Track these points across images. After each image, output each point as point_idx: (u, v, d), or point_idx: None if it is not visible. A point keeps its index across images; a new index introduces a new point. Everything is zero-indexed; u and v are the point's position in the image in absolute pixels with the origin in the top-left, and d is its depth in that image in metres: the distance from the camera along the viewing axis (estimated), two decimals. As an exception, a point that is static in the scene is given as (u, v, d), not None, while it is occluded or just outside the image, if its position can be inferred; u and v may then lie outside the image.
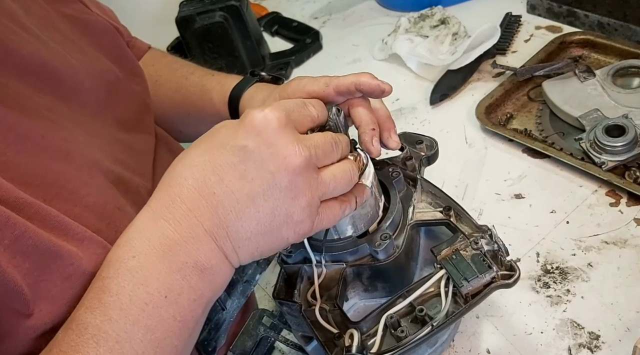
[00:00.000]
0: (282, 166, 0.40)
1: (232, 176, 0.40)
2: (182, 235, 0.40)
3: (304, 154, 0.41)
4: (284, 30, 1.16)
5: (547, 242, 0.68)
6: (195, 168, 0.41)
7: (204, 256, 0.40)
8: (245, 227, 0.41)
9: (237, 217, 0.40)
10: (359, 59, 1.05)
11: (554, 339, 0.59)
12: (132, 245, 0.40)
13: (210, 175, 0.40)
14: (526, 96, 0.88)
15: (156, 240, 0.40)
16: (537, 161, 0.77)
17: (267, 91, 0.66)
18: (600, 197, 0.71)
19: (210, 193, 0.40)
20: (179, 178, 0.41)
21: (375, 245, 0.51)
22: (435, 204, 0.58)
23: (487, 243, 0.51)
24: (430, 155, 0.62)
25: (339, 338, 0.49)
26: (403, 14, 1.06)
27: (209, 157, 0.41)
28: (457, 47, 0.94)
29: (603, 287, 0.62)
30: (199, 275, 0.40)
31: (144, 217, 0.41)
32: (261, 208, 0.40)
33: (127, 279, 0.39)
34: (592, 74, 0.82)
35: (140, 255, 0.39)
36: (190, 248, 0.40)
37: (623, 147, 0.71)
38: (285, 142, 0.40)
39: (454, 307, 0.49)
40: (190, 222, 0.40)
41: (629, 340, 0.56)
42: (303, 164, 0.41)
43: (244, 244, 0.41)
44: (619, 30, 0.90)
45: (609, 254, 0.65)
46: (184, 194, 0.40)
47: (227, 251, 0.41)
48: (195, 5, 0.98)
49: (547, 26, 0.99)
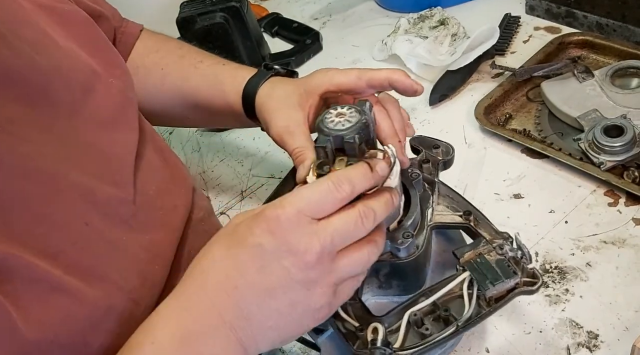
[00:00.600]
0: (295, 262, 0.41)
1: (251, 271, 0.42)
2: (202, 328, 0.41)
3: (316, 248, 0.41)
4: (284, 31, 1.16)
5: (545, 241, 0.68)
6: (218, 264, 0.43)
7: (221, 349, 0.42)
8: (266, 318, 0.42)
9: (259, 309, 0.42)
10: (358, 59, 1.05)
11: (553, 338, 0.59)
12: (153, 332, 0.42)
13: (231, 271, 0.42)
14: (525, 97, 0.88)
15: (176, 330, 0.41)
16: (536, 161, 0.78)
17: (288, 85, 0.64)
18: (598, 197, 0.71)
19: (233, 287, 0.42)
20: (202, 273, 0.43)
21: (398, 243, 0.52)
22: (452, 208, 0.59)
23: (510, 249, 0.52)
24: (446, 160, 0.62)
25: (361, 331, 0.50)
26: (403, 14, 1.07)
27: (230, 254, 0.43)
28: (456, 47, 0.94)
29: (602, 287, 0.62)
30: None
31: (170, 305, 0.43)
32: (280, 301, 0.42)
33: None
34: (591, 75, 0.83)
35: (158, 342, 0.41)
36: (208, 340, 0.41)
37: (621, 147, 0.71)
38: (297, 238, 0.41)
39: (477, 309, 0.51)
40: (212, 315, 0.41)
41: (628, 339, 0.56)
42: (315, 258, 0.41)
43: (266, 333, 0.43)
44: (618, 31, 0.90)
45: (607, 253, 0.65)
46: (208, 288, 0.42)
47: (247, 343, 0.42)
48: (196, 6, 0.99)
49: (546, 27, 0.99)
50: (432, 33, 1.00)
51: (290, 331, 0.44)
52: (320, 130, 0.48)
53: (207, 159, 0.94)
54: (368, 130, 0.48)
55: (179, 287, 0.44)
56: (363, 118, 0.48)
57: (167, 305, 0.43)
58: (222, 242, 0.44)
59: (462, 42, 0.94)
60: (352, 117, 0.48)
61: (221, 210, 0.84)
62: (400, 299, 0.55)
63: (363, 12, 1.17)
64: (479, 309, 0.50)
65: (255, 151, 0.92)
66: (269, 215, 0.41)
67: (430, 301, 0.51)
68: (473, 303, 0.50)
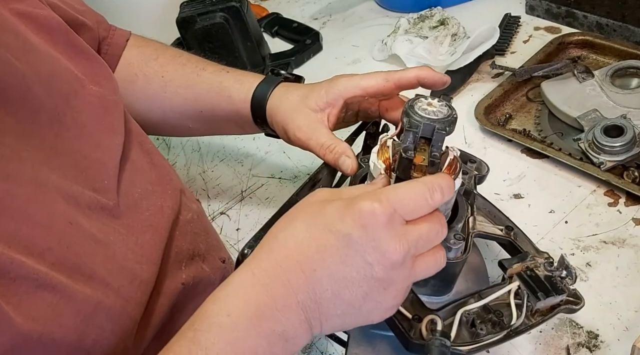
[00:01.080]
0: (380, 260, 0.41)
1: (334, 259, 0.41)
2: (276, 304, 0.41)
3: (403, 250, 0.42)
4: (284, 31, 1.16)
5: (545, 241, 0.68)
6: (300, 243, 0.42)
7: (292, 327, 0.42)
8: (337, 306, 0.42)
9: (332, 296, 0.42)
10: (358, 59, 1.05)
11: (552, 338, 0.59)
12: (228, 303, 0.42)
13: (313, 253, 0.42)
14: (525, 97, 0.88)
15: (252, 304, 0.41)
16: (536, 161, 0.78)
17: (302, 89, 0.65)
18: (598, 197, 0.71)
19: (311, 269, 0.42)
20: (282, 248, 0.43)
21: (450, 243, 0.53)
22: (490, 220, 0.61)
23: (556, 268, 0.54)
24: (481, 177, 0.64)
25: (418, 321, 0.51)
26: (402, 14, 1.07)
27: (314, 236, 0.42)
28: (456, 47, 0.94)
29: (602, 287, 0.62)
30: (283, 344, 0.42)
31: (244, 276, 0.43)
32: (355, 293, 0.42)
33: (218, 335, 0.40)
34: (591, 75, 0.83)
35: (234, 314, 0.41)
36: (281, 317, 0.41)
37: (621, 147, 0.71)
38: (387, 237, 0.41)
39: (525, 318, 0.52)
40: (287, 292, 0.41)
41: (628, 339, 0.56)
42: (400, 260, 0.42)
43: (332, 320, 0.43)
44: (618, 31, 0.90)
45: (607, 253, 0.65)
46: (286, 265, 0.42)
47: (314, 324, 0.43)
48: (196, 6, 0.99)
49: (546, 27, 0.99)
50: (432, 33, 1.00)
51: (354, 322, 0.44)
52: (409, 116, 0.48)
53: (207, 159, 0.94)
54: (454, 127, 0.49)
55: (255, 256, 0.44)
56: (455, 113, 0.48)
57: (241, 277, 0.43)
58: (306, 219, 0.44)
59: (462, 42, 0.94)
60: (443, 110, 0.48)
61: (221, 210, 0.84)
62: (429, 299, 0.56)
63: (363, 12, 1.17)
64: (524, 318, 0.52)
65: (255, 151, 0.92)
66: (365, 208, 0.41)
67: (482, 304, 0.52)
68: (524, 312, 0.52)
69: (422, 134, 0.48)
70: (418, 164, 0.48)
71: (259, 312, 0.41)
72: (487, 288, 0.55)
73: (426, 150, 0.49)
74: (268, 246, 0.44)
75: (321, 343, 0.64)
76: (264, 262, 0.43)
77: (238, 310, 0.41)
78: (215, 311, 0.41)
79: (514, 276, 0.54)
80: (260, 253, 0.44)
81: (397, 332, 0.51)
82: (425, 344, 0.48)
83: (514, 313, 0.52)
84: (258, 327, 0.41)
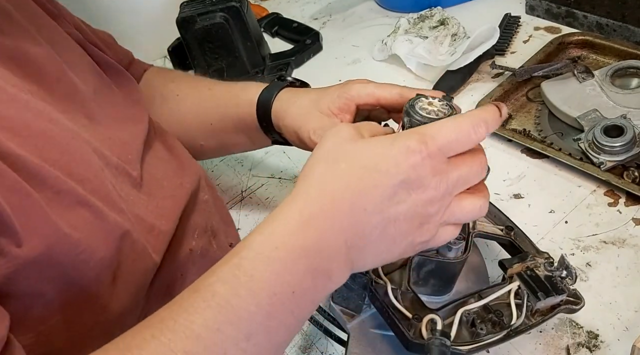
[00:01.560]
0: (423, 196, 0.43)
1: (383, 197, 0.42)
2: (324, 243, 0.42)
3: (443, 188, 0.43)
4: (284, 31, 1.16)
5: (545, 241, 0.68)
6: (348, 184, 0.43)
7: (336, 266, 0.43)
8: (381, 243, 0.44)
9: (379, 234, 0.43)
10: (358, 59, 1.05)
11: (552, 338, 0.59)
12: (276, 238, 0.42)
13: (363, 194, 0.42)
14: (525, 97, 0.88)
15: (300, 241, 0.42)
16: (536, 161, 0.78)
17: (311, 94, 0.66)
18: (598, 197, 0.71)
19: (362, 209, 0.42)
20: (330, 189, 0.43)
21: (450, 243, 0.53)
22: (491, 220, 0.61)
23: (556, 268, 0.55)
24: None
25: (418, 321, 0.51)
26: (402, 14, 1.07)
27: (364, 175, 0.43)
28: (456, 47, 0.94)
29: (602, 287, 0.62)
30: (326, 281, 0.43)
31: (290, 215, 0.43)
32: (398, 229, 0.43)
33: (265, 265, 0.41)
34: (591, 75, 0.83)
35: (282, 249, 0.41)
36: (327, 256, 0.42)
37: (621, 147, 0.71)
38: (430, 175, 0.42)
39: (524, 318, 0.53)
40: (335, 235, 0.42)
41: (628, 339, 0.56)
42: (440, 196, 0.43)
43: (374, 255, 0.44)
44: (618, 31, 0.90)
45: (607, 253, 0.65)
46: (336, 207, 0.42)
47: (355, 260, 0.44)
48: (196, 6, 0.99)
49: (546, 27, 0.99)
50: (432, 33, 1.00)
51: (391, 256, 0.45)
52: (409, 115, 0.48)
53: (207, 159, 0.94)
54: None
55: (300, 188, 0.44)
56: (455, 112, 0.49)
57: (288, 216, 0.43)
58: (351, 161, 0.44)
59: (462, 42, 0.94)
60: (444, 109, 0.48)
61: (221, 210, 0.84)
62: (429, 299, 0.57)
63: (363, 12, 1.17)
64: (524, 318, 0.52)
65: (255, 151, 0.92)
66: (413, 148, 0.42)
67: (482, 303, 0.53)
68: (524, 312, 0.52)
69: None
70: None
71: (306, 249, 0.42)
72: (487, 288, 0.55)
73: None
74: (315, 187, 0.44)
75: (321, 343, 0.64)
76: (311, 203, 0.43)
77: (286, 246, 0.41)
78: (262, 243, 0.42)
79: (514, 276, 0.54)
80: (307, 193, 0.44)
81: (397, 331, 0.51)
82: (425, 344, 0.49)
83: (514, 313, 0.52)
84: (304, 263, 0.42)
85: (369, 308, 0.57)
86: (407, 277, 0.55)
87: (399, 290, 0.54)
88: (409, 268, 0.55)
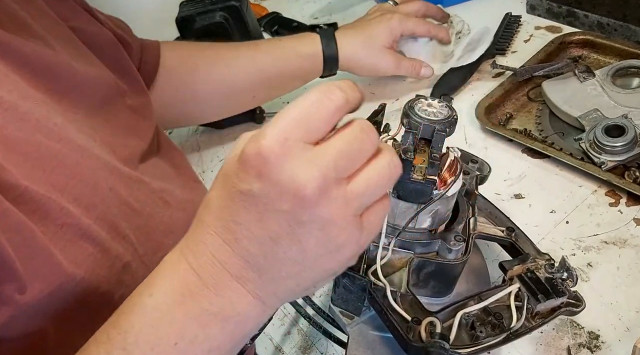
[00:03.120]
0: (295, 202, 0.35)
1: (249, 220, 0.36)
2: (205, 281, 0.38)
3: (317, 179, 0.34)
4: (284, 31, 1.16)
5: (546, 242, 0.68)
6: (215, 213, 0.38)
7: (229, 304, 0.38)
8: (278, 269, 0.38)
9: (266, 260, 0.37)
10: (359, 59, 1.05)
11: (553, 339, 0.59)
12: (152, 283, 0.39)
13: (229, 222, 0.37)
14: (526, 96, 0.88)
15: (177, 283, 0.38)
16: (537, 161, 0.77)
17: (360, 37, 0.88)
18: (599, 197, 0.71)
19: (233, 239, 0.37)
20: (201, 223, 0.39)
21: (450, 244, 0.53)
22: (492, 221, 0.61)
23: (557, 270, 0.54)
24: (482, 177, 0.63)
25: (416, 323, 0.50)
26: (403, 14, 1.06)
27: (225, 203, 0.37)
28: (456, 47, 0.94)
29: (603, 287, 0.62)
30: (221, 324, 0.38)
31: (172, 256, 0.40)
32: (289, 248, 0.36)
33: (139, 317, 0.37)
34: (592, 74, 0.82)
35: (157, 294, 0.38)
36: (214, 296, 0.38)
37: (622, 147, 0.71)
38: (289, 175, 0.34)
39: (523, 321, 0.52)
40: (215, 268, 0.38)
41: (629, 340, 0.56)
42: (317, 191, 0.34)
43: (282, 283, 0.38)
44: (619, 31, 0.90)
45: (608, 253, 0.65)
46: (208, 240, 0.38)
47: (260, 294, 0.39)
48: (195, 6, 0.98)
49: (547, 26, 0.99)
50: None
51: (310, 278, 0.39)
52: (408, 117, 0.47)
53: (207, 158, 0.94)
54: (454, 128, 0.48)
55: (185, 236, 0.40)
56: (455, 114, 0.48)
57: (171, 257, 0.40)
58: (217, 185, 0.38)
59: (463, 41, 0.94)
60: (443, 110, 0.48)
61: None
62: (429, 301, 0.56)
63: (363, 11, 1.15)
64: (524, 321, 0.52)
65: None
66: (251, 153, 0.34)
67: (482, 306, 0.52)
68: (524, 314, 0.52)
69: (421, 135, 0.48)
70: (418, 166, 0.48)
71: (185, 291, 0.37)
72: (487, 290, 0.55)
73: (426, 151, 0.48)
74: (194, 223, 0.40)
75: (321, 344, 0.64)
76: (190, 240, 0.39)
77: (161, 290, 0.38)
78: (139, 291, 0.39)
79: (514, 278, 0.54)
80: (189, 231, 0.40)
81: (396, 334, 0.51)
82: (424, 347, 0.48)
83: (514, 315, 0.52)
84: (185, 308, 0.37)
85: (368, 310, 0.56)
86: (406, 279, 0.54)
87: (399, 293, 0.53)
88: (409, 270, 0.55)
